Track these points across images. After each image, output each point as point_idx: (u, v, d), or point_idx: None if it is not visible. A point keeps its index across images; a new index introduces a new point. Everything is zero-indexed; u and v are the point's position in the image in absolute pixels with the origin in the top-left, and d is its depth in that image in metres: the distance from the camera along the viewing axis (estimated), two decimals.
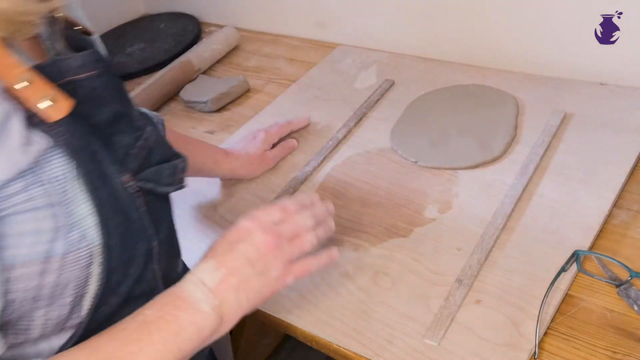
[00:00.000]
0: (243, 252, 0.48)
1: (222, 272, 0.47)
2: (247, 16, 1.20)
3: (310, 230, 0.53)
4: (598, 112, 0.77)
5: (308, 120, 0.87)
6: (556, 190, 0.68)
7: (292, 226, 0.52)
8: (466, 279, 0.60)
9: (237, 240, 0.49)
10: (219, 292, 0.46)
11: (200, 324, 0.44)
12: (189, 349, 0.44)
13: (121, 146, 0.45)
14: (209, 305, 0.45)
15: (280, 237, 0.50)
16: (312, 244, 0.53)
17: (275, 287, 0.50)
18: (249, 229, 0.50)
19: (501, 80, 0.86)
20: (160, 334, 0.43)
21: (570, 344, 0.54)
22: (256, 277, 0.48)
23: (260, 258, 0.49)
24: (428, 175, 0.74)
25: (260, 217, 0.51)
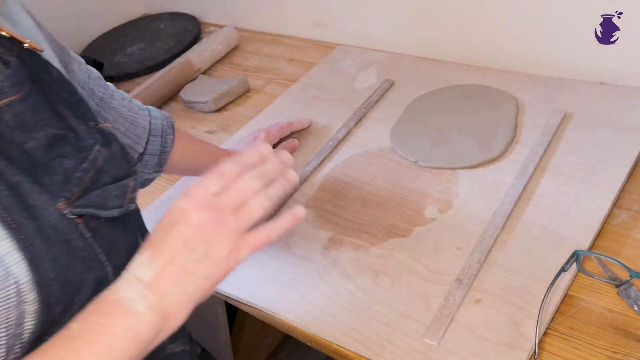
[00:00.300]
0: (179, 236, 0.42)
1: (158, 264, 0.41)
2: (247, 16, 1.20)
3: (259, 193, 0.44)
4: (598, 112, 0.77)
5: (309, 121, 0.87)
6: (556, 190, 0.68)
7: (234, 193, 0.43)
8: (466, 278, 0.60)
9: (172, 224, 0.42)
10: (157, 286, 0.40)
11: (136, 327, 0.39)
12: (130, 355, 0.39)
13: (62, 170, 0.43)
14: (144, 304, 0.40)
15: (220, 210, 0.42)
16: (264, 207, 0.44)
17: (227, 266, 0.43)
18: (183, 208, 0.42)
19: (501, 80, 0.86)
20: (87, 348, 0.38)
21: (570, 344, 0.54)
22: (200, 262, 0.41)
23: (201, 239, 0.41)
24: (428, 175, 0.74)
25: (195, 192, 0.43)
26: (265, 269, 0.67)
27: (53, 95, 0.45)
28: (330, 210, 0.73)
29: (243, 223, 0.43)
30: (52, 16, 1.20)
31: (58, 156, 0.43)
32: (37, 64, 0.46)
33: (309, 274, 0.65)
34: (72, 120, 0.45)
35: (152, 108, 0.70)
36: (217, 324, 0.89)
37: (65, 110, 0.45)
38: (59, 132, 0.43)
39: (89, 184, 0.44)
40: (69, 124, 0.45)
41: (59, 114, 0.45)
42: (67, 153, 0.43)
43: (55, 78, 0.47)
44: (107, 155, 0.46)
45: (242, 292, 0.65)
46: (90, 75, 0.61)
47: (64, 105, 0.46)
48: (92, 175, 0.44)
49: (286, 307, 0.62)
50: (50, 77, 0.46)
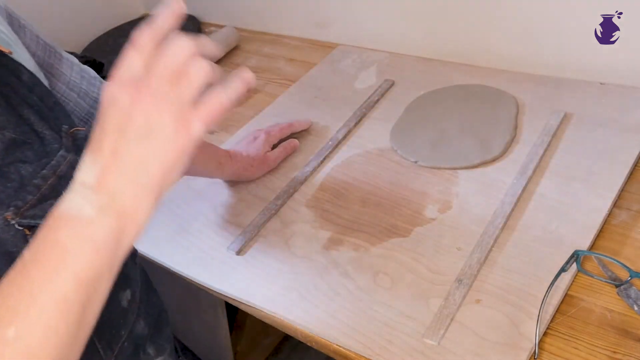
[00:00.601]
0: (114, 125, 0.37)
1: (100, 162, 0.37)
2: (247, 16, 1.20)
3: (194, 57, 0.37)
4: (598, 112, 0.77)
5: (309, 123, 0.87)
6: (556, 190, 0.68)
7: (163, 62, 0.37)
8: (466, 278, 0.60)
9: (104, 117, 0.38)
10: (104, 185, 0.36)
11: (89, 235, 0.35)
12: (92, 267, 0.35)
13: (17, 177, 0.41)
14: (92, 208, 0.36)
15: (150, 82, 0.37)
16: (206, 70, 0.37)
17: (180, 143, 0.37)
18: (110, 96, 0.38)
19: (501, 80, 0.86)
20: (41, 269, 0.35)
21: (570, 344, 0.54)
22: (144, 145, 0.36)
23: (138, 119, 0.36)
24: (428, 175, 0.74)
25: (117, 76, 0.38)
26: (265, 269, 0.67)
27: (18, 98, 0.44)
28: (330, 210, 0.73)
29: (184, 92, 0.37)
30: (52, 16, 1.20)
31: (16, 161, 0.41)
32: (4, 67, 0.45)
33: (308, 274, 0.65)
34: (38, 125, 0.44)
35: None
36: (217, 324, 0.90)
37: (31, 114, 0.44)
38: (18, 136, 0.42)
39: (48, 191, 0.42)
40: (33, 128, 0.43)
41: (23, 117, 0.43)
42: (27, 158, 0.42)
43: (25, 81, 0.46)
44: (73, 161, 0.44)
45: (242, 292, 0.65)
46: (84, 75, 0.61)
47: (30, 109, 0.44)
48: (52, 183, 0.43)
49: (286, 307, 0.62)
50: (18, 79, 0.45)
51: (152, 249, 0.74)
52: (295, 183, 0.78)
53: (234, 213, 0.76)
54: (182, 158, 0.38)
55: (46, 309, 0.34)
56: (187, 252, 0.72)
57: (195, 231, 0.75)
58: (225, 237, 0.72)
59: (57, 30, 1.08)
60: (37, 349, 0.33)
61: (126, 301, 0.52)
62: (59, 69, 0.57)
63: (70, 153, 0.45)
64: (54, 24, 1.15)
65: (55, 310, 0.34)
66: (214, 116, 0.38)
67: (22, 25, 0.53)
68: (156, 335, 0.58)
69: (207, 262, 0.70)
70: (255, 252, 0.70)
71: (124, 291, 0.52)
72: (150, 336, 0.57)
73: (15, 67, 0.46)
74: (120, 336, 0.52)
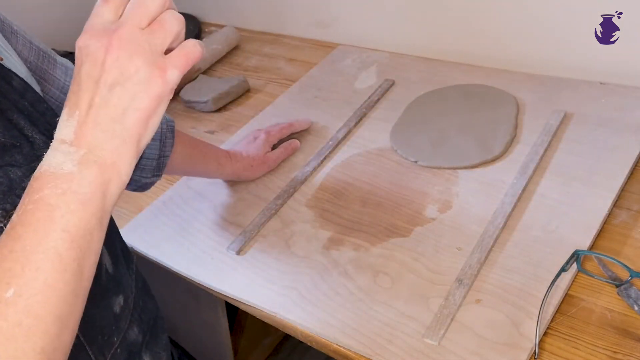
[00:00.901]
0: (88, 76, 0.36)
1: (76, 115, 0.36)
2: (247, 16, 1.20)
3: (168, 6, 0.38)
4: (598, 112, 0.76)
5: (309, 123, 0.87)
6: (556, 190, 0.67)
7: (135, 10, 0.37)
8: (466, 278, 0.60)
9: (78, 69, 0.37)
10: (82, 139, 0.36)
11: (72, 189, 0.35)
12: (80, 222, 0.35)
13: (6, 180, 0.41)
14: (72, 163, 0.36)
15: (121, 30, 0.36)
16: (180, 20, 0.38)
17: (156, 89, 0.37)
18: (82, 46, 0.37)
19: (501, 79, 0.86)
20: (28, 229, 0.34)
21: (570, 344, 0.54)
22: (118, 93, 0.36)
23: (111, 67, 0.36)
24: (428, 174, 0.74)
25: (89, 25, 0.38)
26: (265, 269, 0.67)
27: (8, 103, 0.44)
28: (330, 210, 0.73)
29: (156, 39, 0.37)
30: (51, 17, 1.20)
31: (5, 165, 0.41)
32: None
33: (309, 274, 0.65)
34: (28, 129, 0.44)
35: None
36: (217, 323, 0.89)
37: (21, 119, 0.44)
38: (7, 140, 0.42)
39: None
40: (23, 132, 0.43)
41: (12, 122, 0.43)
42: (16, 162, 0.42)
43: (15, 86, 0.46)
44: None
45: (242, 292, 0.65)
46: None
47: (21, 114, 0.44)
48: None
49: (286, 306, 0.62)
50: (9, 85, 0.45)
51: (152, 249, 0.74)
52: (295, 183, 0.78)
53: (234, 213, 0.76)
54: (159, 105, 0.37)
55: (41, 267, 0.34)
56: (187, 252, 0.72)
57: (195, 231, 0.75)
58: (225, 237, 0.72)
59: (56, 31, 1.08)
60: (39, 307, 0.33)
61: (118, 307, 0.52)
62: (53, 74, 0.57)
63: None
64: (53, 24, 1.15)
65: (50, 267, 0.34)
66: (188, 62, 0.38)
67: (15, 31, 0.53)
68: (152, 343, 0.57)
69: (207, 262, 0.70)
70: (255, 252, 0.70)
71: (116, 297, 0.52)
72: (146, 343, 0.57)
73: (6, 74, 0.46)
74: (113, 343, 0.51)
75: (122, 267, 0.53)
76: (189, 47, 0.38)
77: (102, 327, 0.49)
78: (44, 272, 0.34)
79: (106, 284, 0.50)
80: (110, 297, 0.50)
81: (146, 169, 0.67)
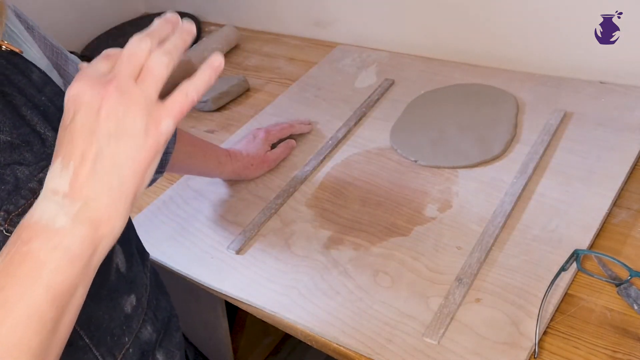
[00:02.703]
0: (82, 126, 0.35)
1: (71, 166, 0.35)
2: (247, 15, 1.20)
3: (154, 51, 0.38)
4: (598, 111, 0.77)
5: (311, 127, 0.86)
6: (556, 189, 0.67)
7: (126, 62, 0.37)
8: (466, 277, 0.60)
9: (71, 117, 0.36)
10: (77, 191, 0.35)
11: (63, 244, 0.34)
12: (66, 279, 0.34)
13: (12, 179, 0.40)
14: (65, 217, 0.34)
15: (116, 81, 0.36)
16: (165, 63, 0.37)
17: (151, 141, 0.36)
18: (75, 94, 0.36)
19: (501, 79, 0.86)
20: (14, 283, 0.33)
21: (570, 343, 0.54)
22: (115, 145, 0.35)
23: (107, 119, 0.35)
24: (428, 174, 0.74)
25: (82, 75, 0.37)
26: (265, 268, 0.67)
27: (23, 98, 0.43)
28: (330, 210, 0.73)
29: (149, 88, 0.37)
30: (52, 16, 1.20)
31: (13, 163, 0.40)
32: (14, 66, 0.44)
33: (309, 273, 0.65)
34: (41, 126, 0.43)
35: None
36: (217, 323, 0.89)
37: (35, 115, 0.43)
38: (14, 139, 0.41)
39: None
40: (35, 129, 0.43)
41: (25, 119, 0.42)
42: (25, 160, 0.41)
43: (35, 80, 0.45)
44: None
45: (242, 292, 0.65)
46: None
47: (35, 110, 0.44)
48: None
49: (286, 306, 0.62)
50: (27, 79, 0.45)
51: (152, 249, 0.73)
52: (295, 182, 0.78)
53: (234, 212, 0.76)
54: (155, 157, 0.36)
55: (20, 322, 0.33)
56: (187, 251, 0.72)
57: (195, 230, 0.75)
58: (225, 237, 0.72)
59: (57, 30, 1.08)
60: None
61: (130, 307, 0.51)
62: (66, 70, 0.57)
63: None
64: (53, 23, 1.15)
65: (28, 324, 0.33)
66: (182, 111, 0.37)
67: (31, 26, 0.53)
68: (166, 341, 0.57)
69: (207, 262, 0.70)
70: (255, 252, 0.70)
71: (127, 296, 0.51)
72: (160, 342, 0.56)
73: (26, 67, 0.45)
74: (123, 343, 0.50)
75: (136, 265, 0.52)
76: (183, 94, 0.37)
77: (111, 328, 0.49)
78: (21, 328, 0.33)
79: (116, 284, 0.49)
80: (121, 297, 0.50)
81: None
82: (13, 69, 0.44)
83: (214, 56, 0.39)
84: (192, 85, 0.38)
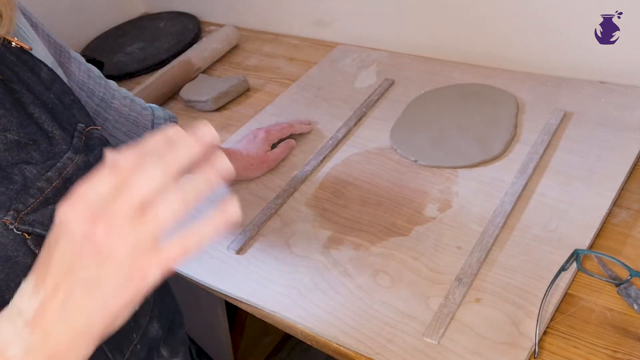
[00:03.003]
0: (62, 258, 0.32)
1: (40, 295, 0.33)
2: (247, 15, 1.20)
3: (168, 190, 0.32)
4: (598, 111, 0.76)
5: (311, 127, 0.86)
6: (556, 189, 0.68)
7: (130, 194, 0.32)
8: (466, 277, 0.60)
9: (55, 240, 0.33)
10: (39, 323, 0.32)
11: None
12: None
13: (21, 178, 0.40)
14: (20, 348, 0.32)
15: (108, 219, 0.31)
16: (175, 211, 0.32)
17: (130, 292, 0.32)
18: (64, 217, 0.32)
19: (501, 79, 0.86)
20: None
21: (570, 343, 0.54)
22: (90, 294, 0.32)
23: (89, 260, 0.32)
24: (428, 174, 0.74)
25: (79, 196, 0.32)
26: (265, 268, 0.67)
27: (31, 96, 0.43)
28: (330, 210, 0.73)
29: (146, 232, 0.32)
30: (52, 15, 1.20)
31: (20, 162, 0.40)
32: (23, 63, 0.44)
33: (309, 273, 0.65)
34: (48, 124, 0.43)
35: (155, 107, 0.69)
36: (217, 323, 0.90)
37: (42, 112, 0.43)
38: (21, 138, 0.41)
39: (51, 195, 0.41)
40: (42, 127, 0.42)
41: (32, 117, 0.42)
42: (32, 159, 0.41)
43: (43, 78, 0.45)
44: (81, 163, 0.43)
45: (242, 291, 0.65)
46: (90, 74, 0.61)
47: (43, 108, 0.43)
48: (57, 186, 0.41)
49: (286, 306, 0.62)
50: (37, 77, 0.45)
51: None
52: (295, 182, 0.78)
53: None
54: (131, 304, 0.33)
55: None
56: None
57: None
58: (225, 236, 0.72)
59: (57, 29, 1.08)
60: None
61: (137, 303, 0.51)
62: (69, 68, 0.57)
63: (79, 154, 0.44)
64: (54, 23, 1.15)
65: None
66: (176, 261, 0.33)
67: (34, 23, 0.53)
68: (170, 337, 0.57)
69: (207, 261, 0.70)
70: (255, 252, 0.70)
71: None
72: (164, 338, 0.56)
73: (35, 64, 0.45)
74: (131, 339, 0.51)
75: None
76: (178, 247, 0.33)
77: None
78: None
79: None
80: None
81: None
82: (22, 65, 0.44)
83: (232, 202, 0.34)
84: (196, 237, 0.33)
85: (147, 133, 0.65)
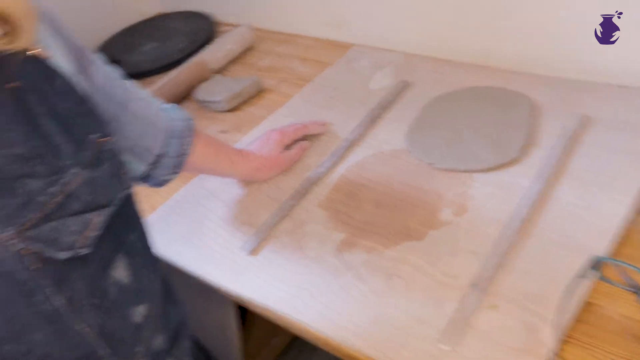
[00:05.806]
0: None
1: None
2: (261, 15, 1.20)
3: None
4: (617, 115, 0.75)
5: (326, 127, 0.86)
6: (573, 194, 0.66)
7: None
8: (481, 282, 0.59)
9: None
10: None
11: None
12: None
13: (23, 192, 0.39)
14: None
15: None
16: None
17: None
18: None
19: (517, 82, 0.85)
20: None
21: (589, 352, 0.52)
22: None
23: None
24: (443, 177, 0.73)
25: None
26: (277, 270, 0.67)
27: (43, 107, 0.42)
28: (343, 212, 0.72)
29: None
30: (67, 14, 1.20)
31: (24, 176, 0.39)
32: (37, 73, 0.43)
33: (321, 276, 0.64)
34: (58, 137, 0.42)
35: (172, 108, 0.68)
36: (228, 323, 0.89)
37: (53, 124, 0.42)
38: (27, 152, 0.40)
39: (53, 210, 0.40)
40: (50, 140, 0.42)
41: (40, 129, 0.41)
42: (37, 173, 0.40)
43: (57, 87, 0.44)
44: (86, 178, 0.42)
45: (254, 293, 0.65)
46: (110, 76, 0.59)
47: (54, 120, 0.43)
48: (58, 201, 0.40)
49: (298, 308, 0.62)
50: (50, 86, 0.44)
51: (164, 248, 0.73)
52: (308, 184, 0.77)
53: (247, 213, 0.75)
54: None
55: None
56: (200, 251, 0.72)
57: (208, 230, 0.75)
58: (238, 237, 0.72)
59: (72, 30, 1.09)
60: None
61: (140, 317, 0.50)
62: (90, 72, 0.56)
63: (86, 169, 0.43)
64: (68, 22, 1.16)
65: None
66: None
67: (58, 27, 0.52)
68: (175, 349, 0.57)
69: (220, 262, 0.70)
70: (268, 253, 0.69)
71: (135, 307, 0.50)
72: (169, 350, 0.56)
73: (50, 74, 0.44)
74: (135, 353, 0.50)
75: (145, 275, 0.51)
76: None
77: (123, 337, 0.48)
78: None
79: (118, 296, 0.48)
80: (128, 308, 0.49)
81: (165, 166, 0.66)
82: (38, 75, 0.43)
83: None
84: None
85: (161, 135, 0.64)
